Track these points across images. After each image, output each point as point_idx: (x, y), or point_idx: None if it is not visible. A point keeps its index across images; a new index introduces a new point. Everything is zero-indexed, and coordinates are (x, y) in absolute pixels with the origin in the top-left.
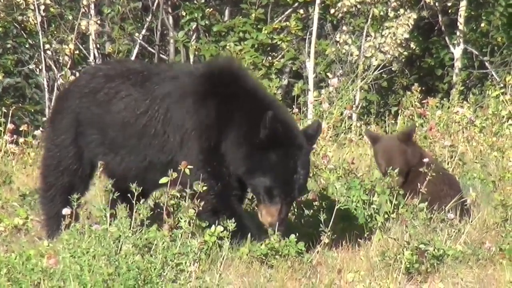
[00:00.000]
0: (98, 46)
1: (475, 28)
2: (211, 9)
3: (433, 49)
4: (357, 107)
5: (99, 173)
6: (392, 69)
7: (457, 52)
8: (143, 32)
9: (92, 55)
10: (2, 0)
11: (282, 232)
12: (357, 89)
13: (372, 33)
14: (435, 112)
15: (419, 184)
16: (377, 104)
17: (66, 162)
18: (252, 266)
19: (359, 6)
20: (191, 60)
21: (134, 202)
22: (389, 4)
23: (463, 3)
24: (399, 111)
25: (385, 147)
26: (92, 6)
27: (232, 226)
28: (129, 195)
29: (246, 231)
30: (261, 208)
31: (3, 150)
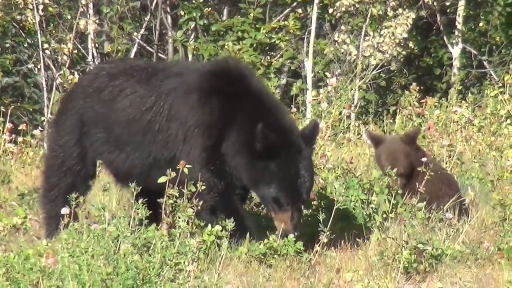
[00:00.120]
0: (97, 45)
1: (473, 27)
2: (210, 8)
3: (431, 48)
4: (355, 106)
5: (98, 172)
6: (391, 68)
7: (455, 51)
8: (142, 31)
9: (90, 55)
10: (0, 0)
11: (297, 237)
12: (355, 88)
13: (370, 32)
14: (434, 112)
15: (417, 184)
16: (375, 104)
17: (69, 163)
18: (250, 265)
19: (357, 6)
20: (190, 60)
21: (133, 201)
22: (387, 3)
23: (462, 3)
24: (398, 110)
25: (389, 149)
26: (91, 6)
27: (230, 226)
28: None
29: (245, 230)
30: (273, 217)
31: (2, 150)
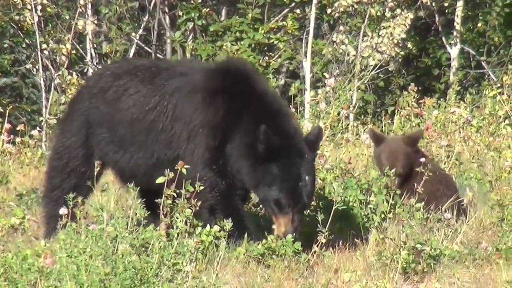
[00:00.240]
0: (95, 46)
1: (472, 28)
2: (208, 9)
3: (430, 49)
4: (354, 107)
5: (96, 171)
6: (389, 69)
7: (454, 52)
8: (140, 32)
9: (89, 55)
10: None
11: (297, 239)
12: (354, 89)
13: (369, 33)
14: (432, 112)
15: (416, 184)
16: (374, 104)
17: (73, 164)
18: (249, 266)
19: (356, 6)
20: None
21: (135, 202)
22: (386, 4)
23: (460, 3)
24: (396, 111)
25: (390, 148)
26: (89, 6)
27: (229, 226)
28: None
29: (244, 231)
30: (274, 220)
31: (0, 150)
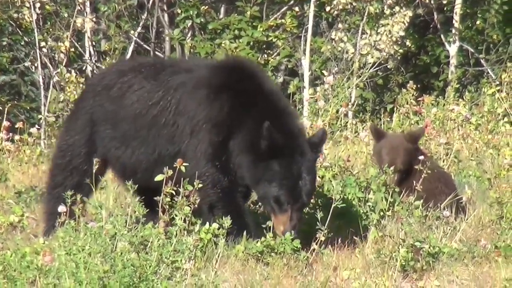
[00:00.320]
0: (94, 43)
1: (470, 25)
2: (207, 6)
3: (428, 46)
4: (352, 104)
5: (95, 169)
6: (388, 66)
7: (452, 49)
8: (139, 29)
9: (87, 53)
10: None
11: (295, 237)
12: (352, 86)
13: (367, 30)
14: (431, 110)
15: (414, 182)
16: (372, 102)
17: (76, 162)
18: (247, 263)
19: (354, 4)
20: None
21: (134, 199)
22: (384, 1)
23: (459, 1)
24: (395, 108)
25: (392, 144)
26: (88, 4)
27: (227, 224)
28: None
29: (244, 228)
30: (273, 218)
31: None
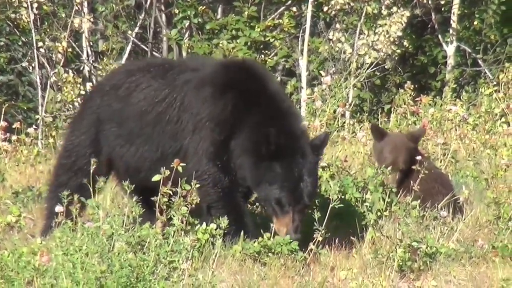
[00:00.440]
0: (91, 43)
1: (468, 26)
2: (204, 7)
3: (426, 47)
4: (350, 105)
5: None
6: (385, 67)
7: (450, 50)
8: (136, 29)
9: (85, 53)
10: None
11: (298, 239)
12: (350, 87)
13: (365, 31)
14: (428, 110)
15: (411, 182)
16: (370, 102)
17: (81, 162)
18: (245, 263)
19: (352, 4)
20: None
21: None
22: (382, 2)
23: (456, 1)
24: (392, 109)
25: (394, 143)
26: (85, 4)
27: (224, 224)
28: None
29: (241, 228)
30: (275, 220)
31: None
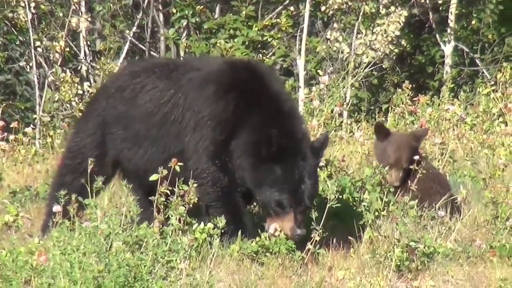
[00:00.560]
0: (89, 43)
1: (465, 25)
2: (202, 6)
3: (423, 46)
4: (347, 104)
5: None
6: (383, 66)
7: (447, 49)
8: (134, 29)
9: (82, 53)
10: None
11: (300, 238)
12: (347, 86)
13: (363, 30)
14: (426, 110)
15: (409, 182)
16: (367, 102)
17: (87, 164)
18: (242, 263)
19: (350, 3)
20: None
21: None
22: (380, 1)
23: (454, 1)
24: (390, 108)
25: (398, 141)
26: (83, 3)
27: (222, 223)
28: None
29: (242, 228)
30: (273, 222)
31: None
